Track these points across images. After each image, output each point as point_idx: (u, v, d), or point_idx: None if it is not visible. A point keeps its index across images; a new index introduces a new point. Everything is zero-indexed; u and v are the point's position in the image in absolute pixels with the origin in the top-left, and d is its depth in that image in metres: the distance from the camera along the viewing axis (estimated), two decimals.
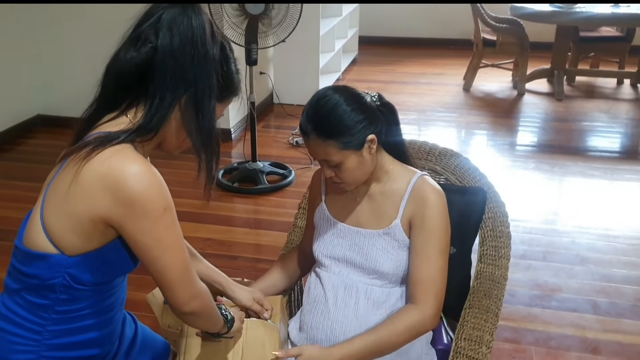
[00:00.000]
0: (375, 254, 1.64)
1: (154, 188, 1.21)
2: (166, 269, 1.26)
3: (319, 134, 1.51)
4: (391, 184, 1.67)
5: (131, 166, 1.19)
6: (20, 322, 1.31)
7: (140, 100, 1.28)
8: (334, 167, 1.57)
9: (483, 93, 6.54)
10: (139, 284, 2.14)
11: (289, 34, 3.91)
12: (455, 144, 5.19)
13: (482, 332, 1.68)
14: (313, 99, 1.56)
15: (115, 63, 1.27)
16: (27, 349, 1.30)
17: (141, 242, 1.23)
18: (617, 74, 6.80)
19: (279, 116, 5.71)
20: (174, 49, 1.24)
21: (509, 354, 2.61)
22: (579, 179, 4.43)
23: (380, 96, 1.63)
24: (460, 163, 1.99)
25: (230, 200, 4.06)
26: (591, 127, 5.53)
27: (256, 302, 1.69)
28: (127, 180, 1.18)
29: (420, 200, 1.62)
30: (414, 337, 1.59)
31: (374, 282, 1.66)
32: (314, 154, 1.57)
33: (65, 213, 1.23)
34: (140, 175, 1.19)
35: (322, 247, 1.73)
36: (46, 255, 1.25)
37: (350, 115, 1.51)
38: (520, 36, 6.23)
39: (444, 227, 1.62)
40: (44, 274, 1.26)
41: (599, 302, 2.96)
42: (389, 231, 1.64)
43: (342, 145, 1.51)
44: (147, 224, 1.21)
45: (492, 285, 1.82)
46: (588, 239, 3.55)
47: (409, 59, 7.95)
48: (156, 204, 1.21)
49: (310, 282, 1.77)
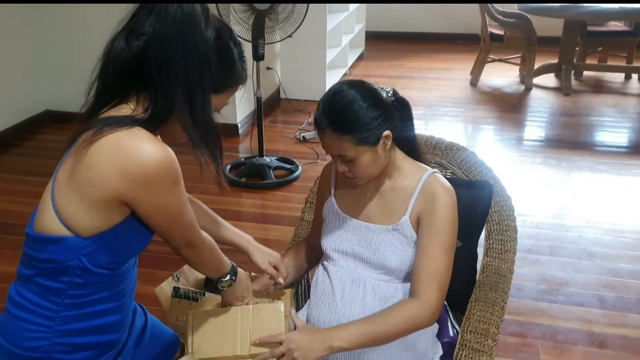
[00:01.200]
0: (383, 249, 1.64)
1: (164, 166, 1.23)
2: (172, 231, 1.36)
3: (335, 129, 1.51)
4: (402, 180, 1.67)
5: (143, 145, 1.22)
6: (32, 309, 1.32)
7: (140, 90, 1.29)
8: (347, 162, 1.57)
9: (490, 88, 6.53)
10: (147, 278, 2.16)
11: (296, 29, 3.91)
12: (462, 139, 5.19)
13: (488, 325, 1.69)
14: (329, 93, 1.55)
15: (112, 55, 1.28)
16: (39, 335, 1.32)
17: (153, 215, 1.29)
18: (625, 69, 6.77)
19: (286, 111, 5.72)
20: (165, 36, 1.23)
21: (516, 348, 2.61)
22: (587, 173, 4.42)
23: (395, 91, 1.62)
24: (467, 157, 2.00)
25: (237, 195, 4.08)
26: (599, 122, 5.52)
27: (272, 265, 1.75)
28: (140, 159, 1.21)
29: (430, 197, 1.61)
30: (410, 330, 1.58)
31: (381, 277, 1.66)
32: (328, 148, 1.57)
33: (78, 195, 1.24)
34: (152, 154, 1.21)
35: (330, 241, 1.74)
36: (60, 238, 1.26)
37: (367, 112, 1.50)
38: (528, 31, 6.21)
39: (451, 225, 1.61)
40: (59, 257, 1.28)
41: (606, 297, 2.96)
42: (398, 227, 1.64)
43: (358, 141, 1.51)
44: (159, 199, 1.26)
45: (498, 278, 1.82)
46: (595, 233, 3.55)
47: (416, 54, 7.94)
48: (168, 180, 1.25)
49: (317, 275, 1.77)
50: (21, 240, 1.36)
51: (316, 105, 1.58)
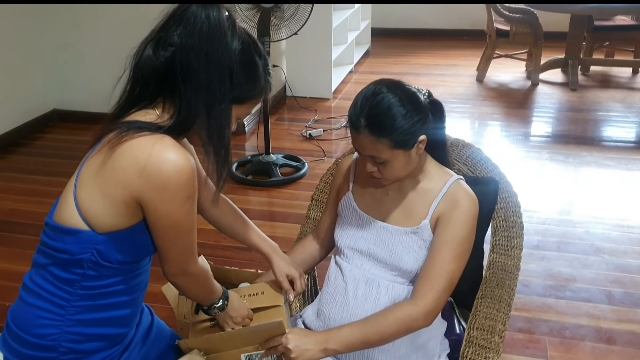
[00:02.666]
0: (400, 251, 1.63)
1: (182, 176, 1.27)
2: (169, 249, 1.37)
3: (372, 131, 1.49)
4: (426, 183, 1.65)
5: (167, 153, 1.26)
6: (46, 296, 1.35)
7: (167, 97, 1.33)
8: (379, 164, 1.55)
9: (496, 84, 6.51)
10: (155, 276, 2.16)
11: (301, 26, 3.92)
12: (468, 135, 5.18)
13: (494, 322, 1.69)
14: (367, 93, 1.52)
15: (140, 63, 1.33)
16: (50, 323, 1.35)
17: (161, 223, 1.31)
18: (632, 63, 6.73)
19: (292, 109, 5.72)
20: (191, 47, 1.27)
21: (523, 344, 2.61)
22: (594, 169, 4.41)
23: (429, 93, 1.60)
24: (472, 154, 2.00)
25: (244, 193, 4.08)
26: (606, 117, 5.49)
27: (289, 279, 1.74)
28: (160, 165, 1.25)
29: (452, 203, 1.60)
30: (404, 331, 1.56)
31: (395, 279, 1.65)
32: (362, 148, 1.54)
33: (100, 194, 1.29)
34: (173, 162, 1.25)
35: (345, 238, 1.73)
36: (77, 231, 1.31)
37: (406, 117, 1.48)
38: (534, 26, 6.19)
39: (466, 234, 1.59)
40: (74, 249, 1.32)
41: (614, 292, 2.96)
42: (417, 230, 1.62)
43: (395, 144, 1.50)
44: (171, 208, 1.29)
45: (504, 275, 1.82)
46: (602, 229, 3.54)
47: (421, 51, 7.92)
48: (184, 192, 1.28)
49: (330, 271, 1.76)
50: (29, 239, 1.38)
51: (321, 101, 1.57)
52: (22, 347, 1.37)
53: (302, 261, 1.87)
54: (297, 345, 1.52)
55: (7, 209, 3.83)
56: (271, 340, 1.54)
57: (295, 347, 1.52)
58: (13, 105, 4.92)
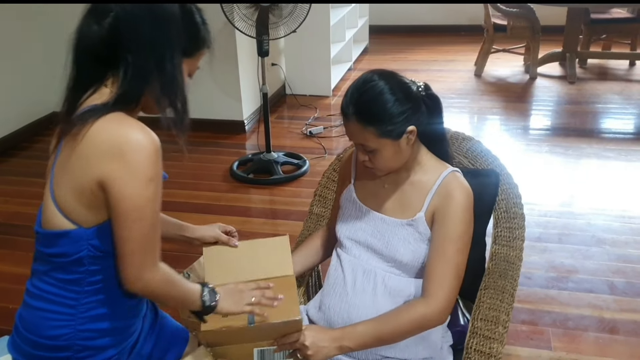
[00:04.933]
0: (395, 243, 1.64)
1: (148, 152, 1.24)
2: (129, 239, 1.27)
3: (360, 118, 1.51)
4: (421, 175, 1.66)
5: (131, 130, 1.24)
6: (53, 299, 1.35)
7: (115, 68, 1.29)
8: (369, 152, 1.57)
9: (495, 78, 6.52)
10: None
11: (300, 24, 3.92)
12: (468, 130, 5.19)
13: (498, 313, 1.70)
14: (358, 81, 1.55)
15: (82, 40, 1.29)
16: (62, 324, 1.35)
17: (123, 206, 1.24)
18: (629, 56, 6.75)
19: (292, 107, 5.73)
20: (133, 11, 1.25)
21: (527, 336, 2.63)
22: (594, 160, 4.42)
23: (426, 86, 1.61)
24: (472, 146, 2.01)
25: (245, 191, 4.09)
26: (604, 109, 5.51)
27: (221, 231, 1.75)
28: (127, 142, 1.22)
29: (446, 196, 1.61)
30: (418, 330, 1.58)
31: (392, 270, 1.66)
32: (351, 136, 1.57)
33: (71, 190, 1.28)
34: (139, 140, 1.23)
35: (345, 228, 1.75)
36: (67, 231, 1.30)
37: (394, 105, 1.50)
38: (531, 20, 6.20)
39: (465, 226, 1.60)
40: (69, 250, 1.31)
41: (616, 283, 2.97)
42: (412, 222, 1.63)
43: (381, 133, 1.51)
44: (134, 189, 1.23)
45: (507, 266, 1.83)
46: (604, 220, 3.55)
47: (419, 47, 7.93)
48: (147, 170, 1.24)
49: (331, 264, 1.78)
50: (33, 242, 1.38)
51: (320, 99, 1.58)
52: (36, 350, 1.37)
53: (306, 255, 1.89)
54: (314, 342, 1.53)
55: (9, 212, 3.84)
56: (287, 337, 1.54)
57: (312, 343, 1.52)
58: (13, 109, 4.93)
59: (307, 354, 1.52)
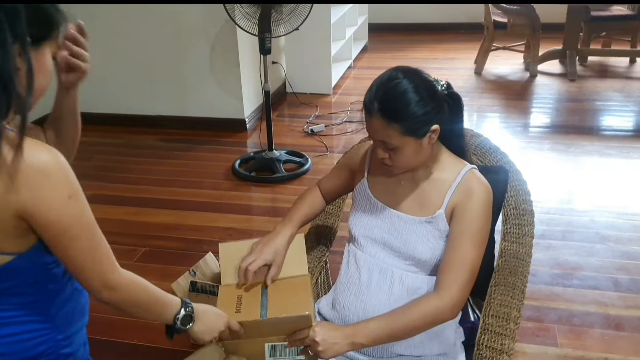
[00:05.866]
0: (414, 241, 1.63)
1: (61, 172, 1.13)
2: (73, 258, 1.20)
3: (384, 115, 1.50)
4: (439, 173, 1.65)
5: (27, 153, 1.08)
6: (23, 320, 1.26)
7: None
8: (390, 150, 1.55)
9: (495, 76, 6.53)
10: (163, 273, 2.19)
11: (302, 21, 3.92)
12: (469, 127, 5.19)
13: (509, 309, 1.70)
14: (383, 78, 1.54)
15: None
16: (43, 339, 1.29)
17: (49, 233, 1.16)
18: (629, 53, 6.76)
19: (293, 105, 5.73)
20: None
21: (533, 333, 2.63)
22: (595, 158, 4.42)
23: (449, 85, 1.60)
24: (481, 143, 2.01)
25: (248, 189, 4.09)
26: (605, 107, 5.51)
27: None
28: (29, 167, 1.08)
29: (466, 192, 1.60)
30: (430, 324, 1.57)
31: (409, 269, 1.65)
32: (373, 132, 1.55)
33: None
34: (39, 159, 1.10)
35: (360, 226, 1.73)
36: (7, 266, 1.18)
37: (419, 104, 1.49)
38: (531, 17, 6.20)
39: (483, 221, 1.60)
40: (21, 277, 1.21)
41: (620, 279, 2.97)
42: (432, 220, 1.62)
43: (405, 131, 1.50)
44: (53, 211, 1.13)
45: (517, 262, 1.84)
46: (607, 217, 3.56)
47: (419, 45, 7.93)
48: (63, 188, 1.13)
49: (345, 261, 1.77)
50: None
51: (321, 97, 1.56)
52: None
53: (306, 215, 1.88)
54: (325, 339, 1.52)
55: None
56: (298, 333, 1.54)
57: (322, 340, 1.51)
58: None
59: (317, 350, 1.52)
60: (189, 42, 4.85)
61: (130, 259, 3.17)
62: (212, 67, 4.91)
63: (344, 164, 1.90)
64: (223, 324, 1.50)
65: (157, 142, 4.89)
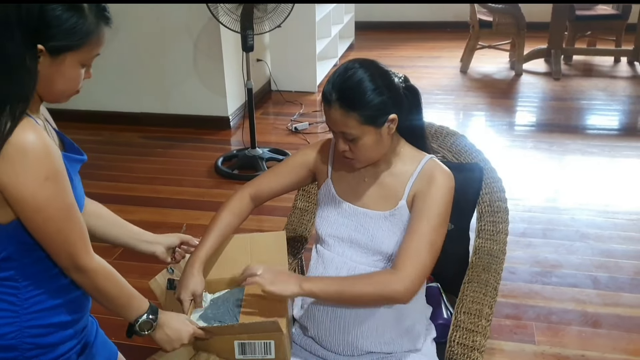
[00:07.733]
0: (381, 236, 1.63)
1: (41, 153, 1.17)
2: (46, 238, 1.24)
3: (343, 104, 1.50)
4: (400, 166, 1.66)
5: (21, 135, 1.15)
6: None
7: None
8: (350, 141, 1.55)
9: (480, 74, 6.54)
10: (142, 271, 2.16)
11: (285, 18, 3.91)
12: (453, 126, 5.13)
13: (481, 306, 1.70)
14: (341, 68, 1.55)
15: None
16: (7, 321, 1.29)
17: (23, 210, 1.20)
18: (614, 52, 6.78)
19: (277, 103, 5.72)
20: None
21: (510, 330, 2.63)
22: (578, 156, 4.44)
23: (406, 78, 1.62)
24: (456, 141, 2.01)
25: (230, 187, 4.08)
26: (589, 106, 5.54)
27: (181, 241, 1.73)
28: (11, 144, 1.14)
29: (427, 179, 1.60)
30: (381, 296, 1.53)
31: (376, 264, 1.65)
32: (333, 123, 1.55)
33: None
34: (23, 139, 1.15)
35: (326, 226, 1.73)
36: None
37: (375, 92, 1.50)
38: (517, 16, 6.21)
39: (443, 206, 1.58)
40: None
41: (599, 277, 2.99)
42: (395, 212, 1.63)
43: (364, 119, 1.51)
44: (29, 191, 1.18)
45: (490, 259, 1.84)
46: (587, 215, 3.57)
47: (405, 43, 7.93)
48: (40, 170, 1.18)
49: (312, 262, 1.76)
50: None
51: (306, 95, 1.57)
52: None
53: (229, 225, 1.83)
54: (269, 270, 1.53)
55: None
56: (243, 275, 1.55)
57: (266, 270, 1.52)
58: None
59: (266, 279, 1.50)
60: (172, 39, 4.82)
61: (110, 257, 3.14)
62: (195, 64, 4.89)
63: (301, 162, 1.85)
64: (187, 337, 1.50)
65: (140, 139, 4.87)
